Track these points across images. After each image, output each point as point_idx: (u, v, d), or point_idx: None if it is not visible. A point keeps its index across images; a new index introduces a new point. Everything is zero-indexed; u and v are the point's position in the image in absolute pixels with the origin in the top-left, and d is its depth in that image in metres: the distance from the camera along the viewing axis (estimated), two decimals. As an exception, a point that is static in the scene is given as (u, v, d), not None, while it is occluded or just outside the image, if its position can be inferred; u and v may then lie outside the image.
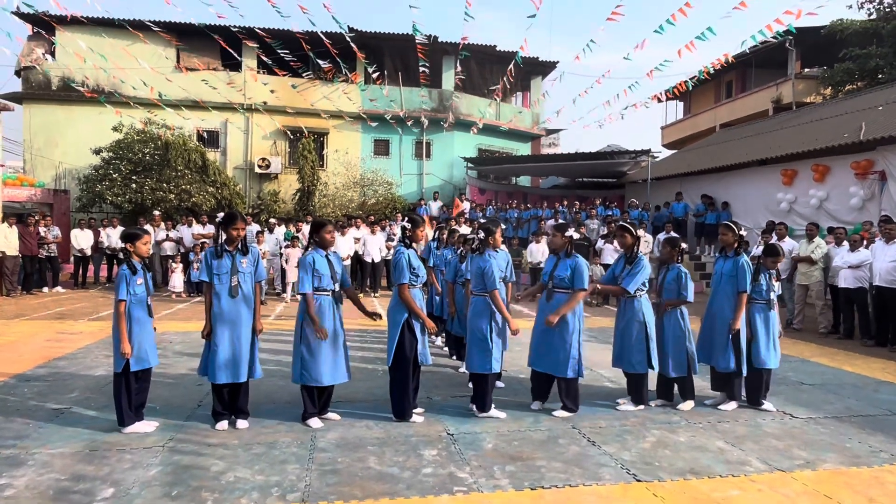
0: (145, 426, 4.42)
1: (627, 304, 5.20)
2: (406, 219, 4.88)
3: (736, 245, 5.31)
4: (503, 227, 5.66)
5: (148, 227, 13.79)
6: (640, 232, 5.30)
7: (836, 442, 4.46)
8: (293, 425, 4.57)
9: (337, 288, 4.71)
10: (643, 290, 5.21)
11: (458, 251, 6.77)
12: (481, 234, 5.01)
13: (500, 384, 5.73)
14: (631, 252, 5.28)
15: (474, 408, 4.96)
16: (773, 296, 5.30)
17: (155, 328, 4.62)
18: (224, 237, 4.57)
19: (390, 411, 4.79)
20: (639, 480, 3.70)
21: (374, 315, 5.05)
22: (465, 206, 17.89)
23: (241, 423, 4.52)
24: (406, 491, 3.49)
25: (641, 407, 5.17)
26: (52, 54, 19.89)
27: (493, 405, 4.94)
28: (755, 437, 4.51)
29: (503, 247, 5.80)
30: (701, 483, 3.69)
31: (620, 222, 5.52)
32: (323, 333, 4.47)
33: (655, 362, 5.09)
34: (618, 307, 5.41)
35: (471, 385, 5.15)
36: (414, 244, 4.85)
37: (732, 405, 5.23)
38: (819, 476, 3.83)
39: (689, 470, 3.88)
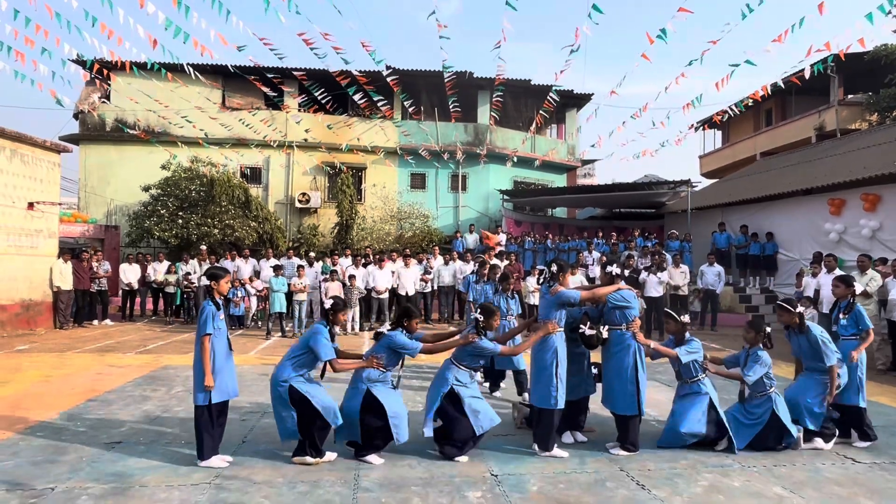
0: (220, 461, 4.50)
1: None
2: (479, 310, 5.02)
3: (798, 321, 5.20)
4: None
5: (193, 261, 14.22)
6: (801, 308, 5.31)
7: (904, 490, 4.21)
8: (336, 463, 4.57)
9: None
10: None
11: (495, 286, 6.81)
12: (554, 269, 4.98)
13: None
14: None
15: (536, 447, 4.87)
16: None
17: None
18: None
19: (434, 449, 4.78)
20: (693, 528, 3.55)
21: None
22: (502, 237, 17.89)
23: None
24: (452, 535, 3.43)
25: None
26: (108, 98, 21.00)
27: (556, 445, 4.86)
28: (815, 484, 4.30)
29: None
30: (760, 533, 3.52)
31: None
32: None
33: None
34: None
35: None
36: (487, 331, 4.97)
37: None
38: (888, 527, 3.61)
39: (746, 518, 3.71)
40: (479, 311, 5.01)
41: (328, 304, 4.84)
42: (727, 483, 4.29)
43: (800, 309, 5.25)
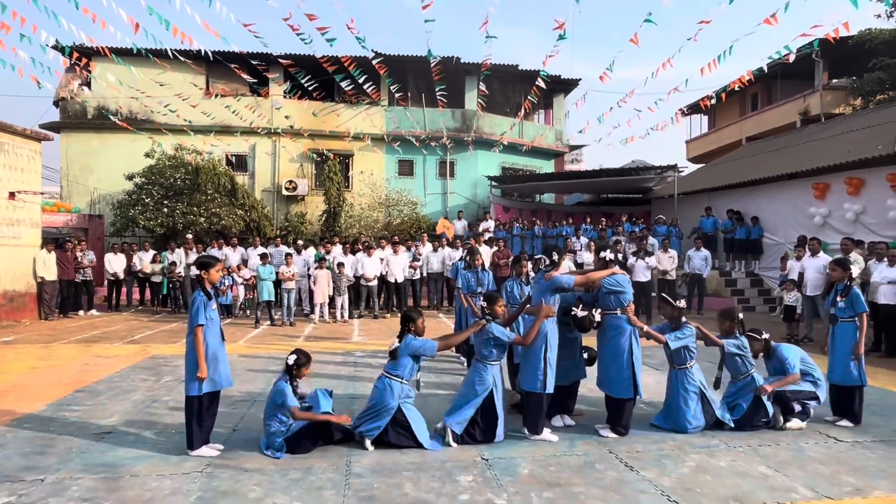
0: (210, 450, 4.49)
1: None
2: (483, 297, 5.12)
3: (765, 348, 5.48)
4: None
5: (179, 250, 14.10)
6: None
7: (886, 467, 4.30)
8: (327, 450, 4.58)
9: None
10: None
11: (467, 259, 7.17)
12: (555, 257, 5.01)
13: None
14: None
15: (526, 430, 4.92)
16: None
17: None
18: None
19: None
20: (681, 508, 3.61)
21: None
22: (490, 224, 17.91)
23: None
24: (444, 518, 3.46)
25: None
26: (88, 85, 20.62)
27: (545, 428, 4.91)
28: (799, 463, 4.38)
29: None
30: (746, 511, 3.59)
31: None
32: None
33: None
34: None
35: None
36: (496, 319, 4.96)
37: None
38: (870, 504, 3.70)
39: (731, 497, 3.78)
40: (483, 298, 5.07)
41: (291, 359, 4.74)
42: (714, 463, 4.37)
43: (765, 335, 5.47)
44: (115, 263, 14.34)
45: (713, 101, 18.84)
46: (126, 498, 3.72)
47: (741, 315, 5.47)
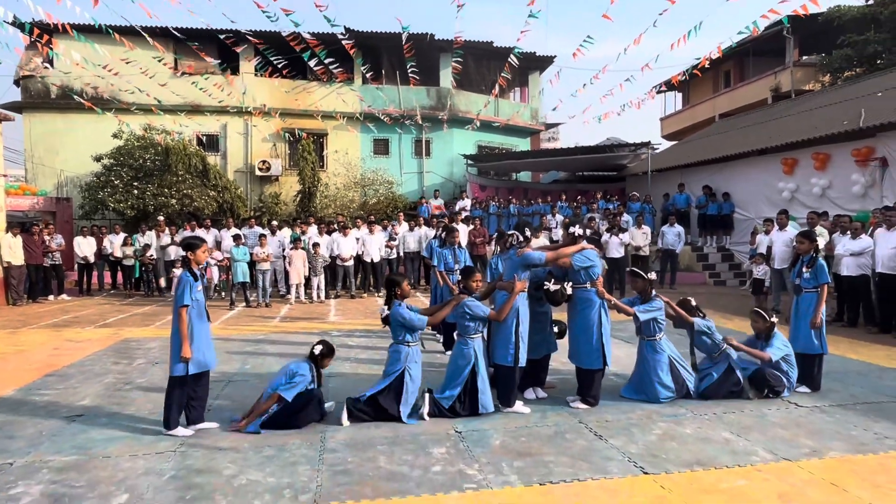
0: (186, 430, 4.51)
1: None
2: (460, 272, 5.27)
3: (767, 329, 5.53)
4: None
5: (150, 233, 13.87)
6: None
7: (841, 430, 4.49)
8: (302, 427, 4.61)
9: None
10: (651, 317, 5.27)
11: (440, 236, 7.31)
12: (528, 233, 5.08)
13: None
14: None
15: (498, 403, 5.00)
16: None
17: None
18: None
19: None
20: (646, 473, 3.74)
21: None
22: (466, 203, 17.93)
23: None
24: (416, 489, 3.53)
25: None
26: (51, 63, 19.95)
27: (517, 401, 5.00)
28: (761, 428, 4.55)
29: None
30: (707, 474, 3.72)
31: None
32: None
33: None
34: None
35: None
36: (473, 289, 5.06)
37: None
38: (825, 464, 3.86)
39: (695, 461, 3.91)
40: (459, 273, 5.13)
41: (317, 349, 4.85)
42: (680, 430, 4.51)
43: (774, 319, 5.50)
44: (85, 247, 14.05)
45: (686, 77, 18.97)
46: (98, 478, 3.71)
47: (693, 301, 5.67)
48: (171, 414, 4.48)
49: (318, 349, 4.86)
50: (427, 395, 4.84)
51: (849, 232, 8.96)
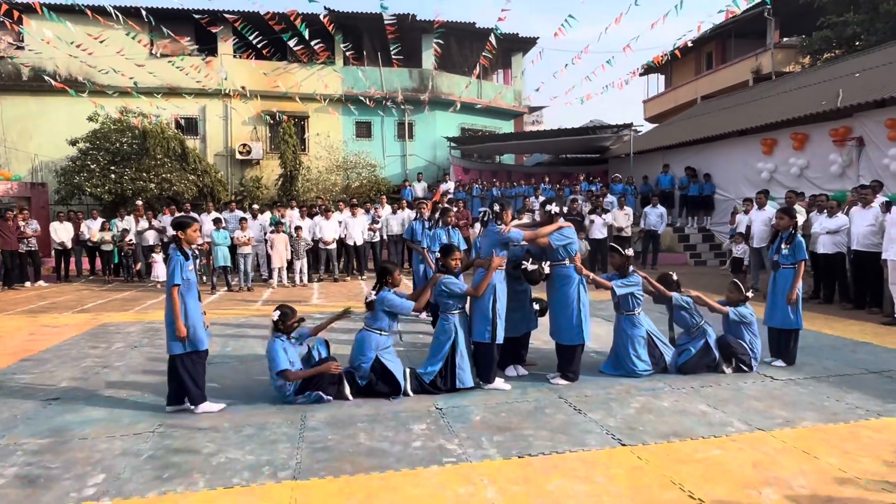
0: (214, 406, 4.53)
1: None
2: (439, 251, 5.28)
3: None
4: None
5: (129, 217, 13.65)
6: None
7: (814, 401, 4.59)
8: (283, 407, 4.60)
9: None
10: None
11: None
12: (497, 208, 5.07)
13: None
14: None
15: (478, 380, 5.03)
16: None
17: (204, 312, 4.65)
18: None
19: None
20: (623, 445, 3.79)
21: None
22: (450, 185, 17.87)
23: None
24: (396, 464, 3.55)
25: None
26: (22, 42, 19.40)
27: (498, 377, 5.03)
28: (737, 400, 4.63)
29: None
30: (683, 445, 3.79)
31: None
32: None
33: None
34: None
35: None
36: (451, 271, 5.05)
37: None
38: (798, 433, 3.94)
39: (672, 433, 3.97)
40: (439, 251, 5.21)
41: (275, 315, 4.78)
42: (657, 404, 4.57)
43: (748, 294, 5.59)
44: (62, 232, 13.80)
45: (668, 59, 18.97)
46: (74, 459, 3.67)
47: (674, 275, 5.78)
48: (191, 391, 4.45)
49: (275, 315, 4.79)
50: (408, 371, 4.86)
51: (825, 210, 9.09)
